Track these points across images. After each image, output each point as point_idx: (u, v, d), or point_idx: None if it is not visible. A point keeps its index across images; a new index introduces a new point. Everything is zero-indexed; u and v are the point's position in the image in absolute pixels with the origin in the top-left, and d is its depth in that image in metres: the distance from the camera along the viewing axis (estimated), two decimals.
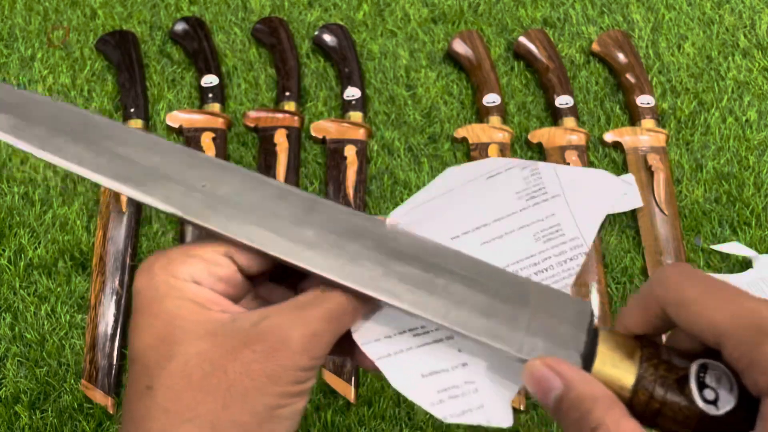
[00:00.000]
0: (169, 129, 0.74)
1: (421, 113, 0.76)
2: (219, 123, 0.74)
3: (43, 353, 0.63)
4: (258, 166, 0.72)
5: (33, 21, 0.81)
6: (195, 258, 0.29)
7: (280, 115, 0.74)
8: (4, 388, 0.61)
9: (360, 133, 0.74)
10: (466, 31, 0.80)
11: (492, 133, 0.74)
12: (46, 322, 0.64)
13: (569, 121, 0.74)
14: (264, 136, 0.73)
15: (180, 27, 0.80)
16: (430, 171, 0.73)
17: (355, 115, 0.75)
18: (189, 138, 0.73)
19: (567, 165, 0.60)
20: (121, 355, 0.63)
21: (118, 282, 0.65)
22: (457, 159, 0.74)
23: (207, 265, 0.29)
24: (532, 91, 0.79)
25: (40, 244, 0.67)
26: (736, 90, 0.78)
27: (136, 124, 0.74)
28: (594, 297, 0.66)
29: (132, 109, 0.75)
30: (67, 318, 0.64)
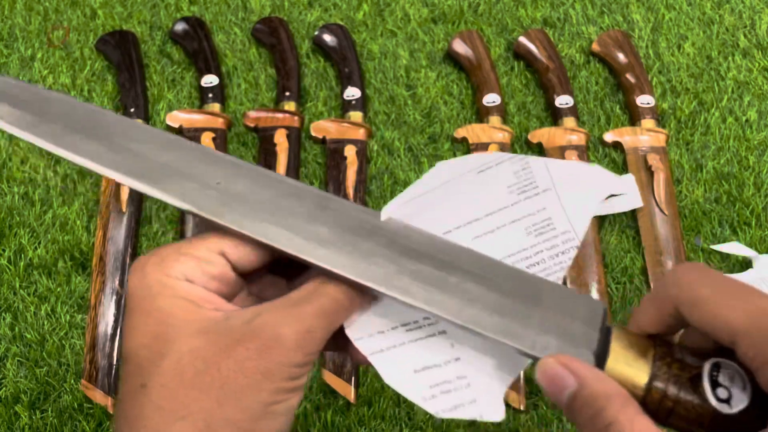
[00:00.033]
0: (169, 129, 0.74)
1: (421, 113, 0.76)
2: (219, 123, 0.74)
3: (43, 353, 0.63)
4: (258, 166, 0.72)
5: (33, 21, 0.81)
6: (187, 256, 0.29)
7: (280, 115, 0.74)
8: (4, 388, 0.61)
9: (360, 133, 0.74)
10: (466, 31, 0.80)
11: (492, 133, 0.74)
12: (46, 322, 0.64)
13: (569, 121, 0.74)
14: (264, 136, 0.73)
15: (180, 27, 0.80)
16: None
17: (355, 115, 0.75)
18: (189, 138, 0.73)
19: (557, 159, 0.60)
20: (121, 355, 0.63)
21: (118, 282, 0.65)
22: None
23: (200, 263, 0.29)
24: (532, 91, 0.79)
25: (40, 244, 0.67)
26: (736, 90, 0.78)
27: None
28: (594, 297, 0.66)
29: (132, 109, 0.75)
30: (67, 318, 0.64)
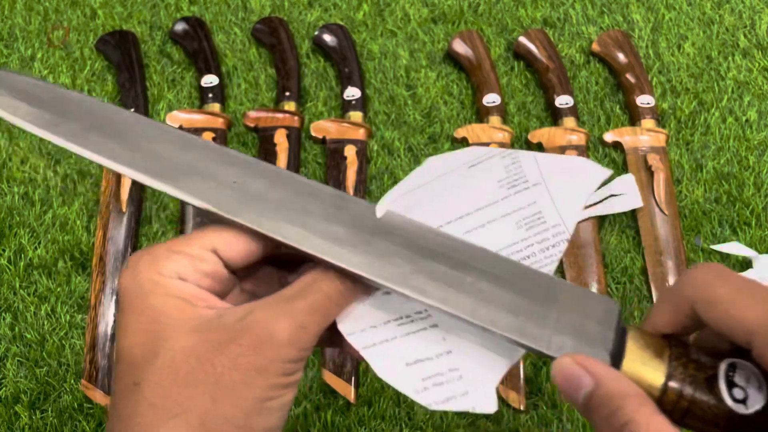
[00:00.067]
0: None
1: (421, 113, 0.76)
2: (219, 123, 0.74)
3: (43, 353, 0.63)
4: None
5: (33, 21, 0.81)
6: (180, 254, 0.29)
7: (280, 115, 0.74)
8: (4, 388, 0.61)
9: (360, 133, 0.74)
10: (466, 31, 0.80)
11: (492, 133, 0.74)
12: (46, 322, 0.64)
13: (569, 121, 0.74)
14: (264, 136, 0.73)
15: (180, 27, 0.80)
16: None
17: (355, 115, 0.75)
18: None
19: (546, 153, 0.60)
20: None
21: (117, 282, 0.65)
22: None
23: (192, 260, 0.29)
24: (532, 91, 0.79)
25: (40, 244, 0.67)
26: (736, 90, 0.78)
27: None
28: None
29: (132, 109, 0.74)
30: (67, 318, 0.64)
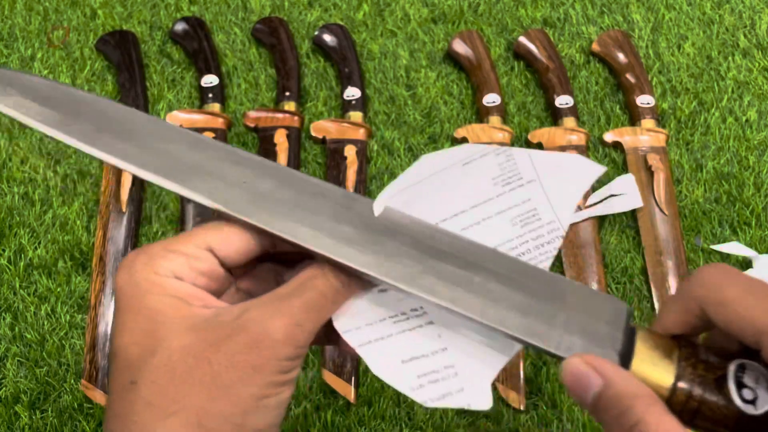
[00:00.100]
0: None
1: (421, 113, 0.76)
2: (219, 123, 0.74)
3: (43, 353, 0.63)
4: None
5: (33, 21, 0.81)
6: (175, 253, 0.29)
7: (280, 115, 0.74)
8: (4, 388, 0.61)
9: (360, 133, 0.74)
10: (466, 31, 0.80)
11: (492, 133, 0.74)
12: (46, 322, 0.64)
13: (569, 121, 0.74)
14: (264, 136, 0.73)
15: (180, 27, 0.80)
16: None
17: (355, 115, 0.75)
18: None
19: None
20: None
21: (113, 281, 0.65)
22: None
23: (188, 259, 0.29)
24: (532, 91, 0.79)
25: (40, 244, 0.67)
26: (736, 90, 0.78)
27: None
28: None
29: None
30: (67, 318, 0.64)
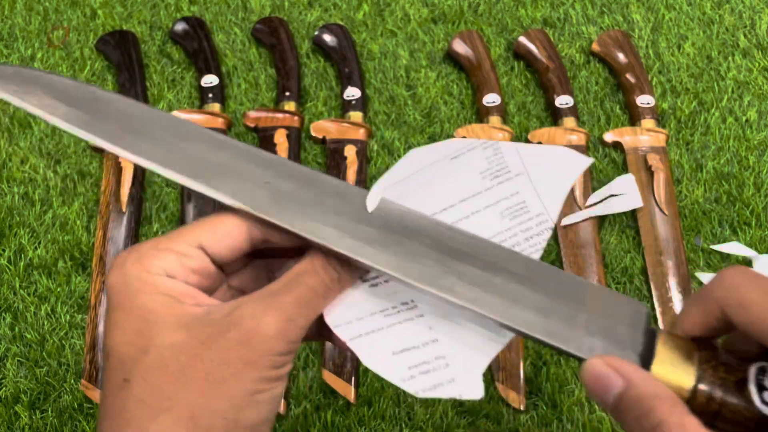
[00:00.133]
0: None
1: (421, 113, 0.76)
2: (219, 123, 0.74)
3: (43, 353, 0.63)
4: None
5: (33, 21, 0.81)
6: (167, 251, 0.29)
7: (280, 115, 0.74)
8: (4, 388, 0.61)
9: (360, 133, 0.74)
10: (466, 31, 0.80)
11: (492, 133, 0.74)
12: (46, 322, 0.64)
13: (569, 121, 0.74)
14: (264, 136, 0.73)
15: (180, 27, 0.80)
16: None
17: (355, 115, 0.75)
18: None
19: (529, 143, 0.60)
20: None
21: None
22: None
23: (179, 257, 0.29)
24: (532, 91, 0.79)
25: (40, 244, 0.67)
26: (736, 90, 0.78)
27: None
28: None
29: None
30: (67, 318, 0.64)
